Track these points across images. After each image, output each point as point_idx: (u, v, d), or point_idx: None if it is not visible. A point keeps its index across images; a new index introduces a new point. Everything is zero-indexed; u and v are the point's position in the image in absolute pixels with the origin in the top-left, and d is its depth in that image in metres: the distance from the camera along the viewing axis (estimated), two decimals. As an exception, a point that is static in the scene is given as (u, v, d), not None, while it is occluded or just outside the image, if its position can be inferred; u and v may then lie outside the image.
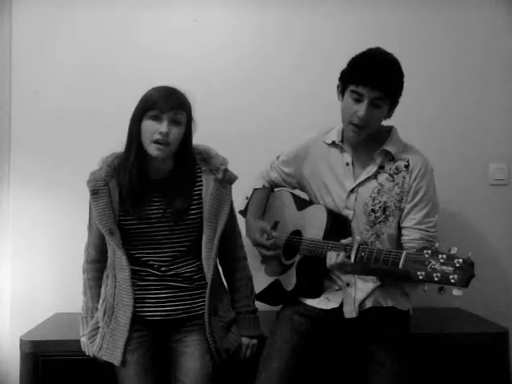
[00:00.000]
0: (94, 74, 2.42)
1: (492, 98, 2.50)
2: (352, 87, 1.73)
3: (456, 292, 1.36)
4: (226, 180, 1.78)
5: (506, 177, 2.49)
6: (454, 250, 1.38)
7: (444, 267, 1.37)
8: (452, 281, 1.35)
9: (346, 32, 2.45)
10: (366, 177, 1.81)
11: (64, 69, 2.43)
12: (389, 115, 1.80)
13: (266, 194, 2.08)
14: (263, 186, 2.07)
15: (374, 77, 1.69)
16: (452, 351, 1.98)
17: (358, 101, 1.72)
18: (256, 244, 1.95)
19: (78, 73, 2.42)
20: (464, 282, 1.35)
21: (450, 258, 1.37)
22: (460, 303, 2.41)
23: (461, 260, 1.35)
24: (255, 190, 2.06)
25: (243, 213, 2.03)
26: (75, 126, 2.42)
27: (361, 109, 1.71)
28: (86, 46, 2.43)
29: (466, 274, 1.35)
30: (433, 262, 1.39)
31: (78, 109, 2.42)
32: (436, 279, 1.37)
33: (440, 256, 1.38)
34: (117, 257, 1.73)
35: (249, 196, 2.05)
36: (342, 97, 1.79)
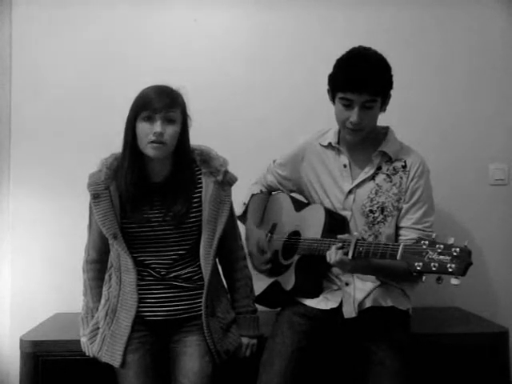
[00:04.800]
0: (94, 73, 2.42)
1: (492, 97, 2.49)
2: (340, 94, 1.72)
3: (454, 281, 1.36)
4: (226, 182, 1.77)
5: (506, 177, 2.49)
6: (451, 240, 1.39)
7: (441, 257, 1.38)
8: (450, 270, 1.36)
9: (351, 32, 2.45)
10: (364, 178, 1.81)
11: (64, 68, 2.43)
12: (383, 109, 1.80)
13: (264, 199, 2.08)
14: (260, 190, 2.07)
15: (359, 82, 1.67)
16: (452, 351, 1.97)
17: (348, 106, 1.72)
18: (249, 255, 1.95)
19: (78, 72, 2.42)
20: (461, 271, 1.35)
21: (447, 248, 1.38)
22: (460, 303, 2.41)
23: (458, 249, 1.37)
24: (253, 195, 2.06)
25: (241, 218, 2.04)
26: (75, 125, 2.42)
27: (353, 115, 1.71)
28: (86, 46, 2.43)
29: (463, 262, 1.35)
30: (430, 253, 1.40)
31: (78, 108, 2.42)
32: (434, 269, 1.38)
33: (437, 246, 1.39)
34: (122, 259, 1.72)
35: (246, 201, 2.06)
36: (334, 101, 1.79)
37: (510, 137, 2.50)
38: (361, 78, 1.67)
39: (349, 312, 1.76)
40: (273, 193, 2.10)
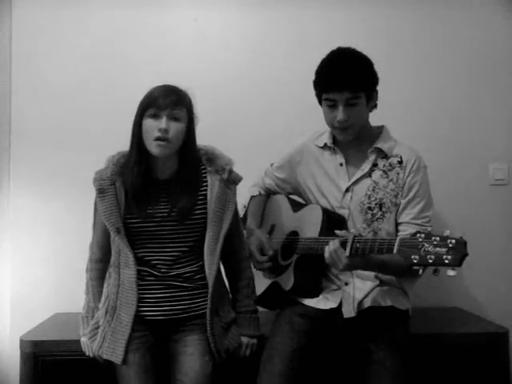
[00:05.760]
0: (94, 73, 2.42)
1: (492, 97, 2.49)
2: (324, 95, 1.77)
3: (450, 272, 1.37)
4: (231, 180, 1.78)
5: (506, 177, 2.49)
6: (446, 232, 1.40)
7: (437, 249, 1.38)
8: (446, 261, 1.36)
9: (351, 31, 2.45)
10: (361, 175, 1.82)
11: (64, 68, 2.43)
12: (373, 105, 1.82)
13: (263, 200, 2.09)
14: (259, 192, 2.09)
15: (338, 80, 1.71)
16: (452, 351, 1.97)
17: (333, 106, 1.75)
18: (250, 255, 1.95)
19: (78, 72, 2.43)
20: (457, 262, 1.36)
21: (443, 240, 1.39)
22: (460, 303, 2.41)
23: (453, 240, 1.37)
24: (252, 197, 2.08)
25: (242, 221, 2.04)
26: (76, 124, 2.42)
27: (338, 114, 1.74)
28: (86, 46, 2.43)
29: (459, 253, 1.36)
30: (426, 245, 1.40)
31: (78, 107, 2.42)
32: (430, 261, 1.39)
33: (433, 238, 1.40)
34: (122, 256, 1.72)
35: (246, 204, 2.07)
36: (321, 104, 1.82)
37: (510, 137, 2.50)
38: (339, 75, 1.71)
39: (348, 312, 1.76)
40: (271, 195, 2.11)
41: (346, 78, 1.70)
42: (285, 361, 1.69)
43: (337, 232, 1.64)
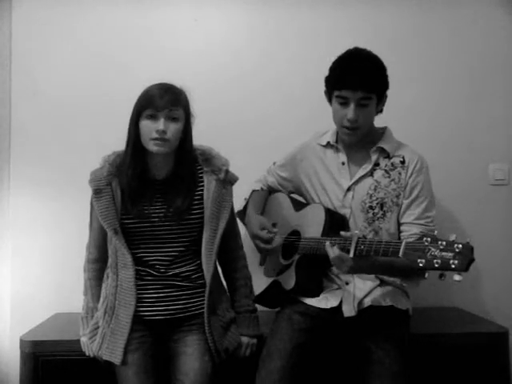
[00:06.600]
0: (94, 73, 2.43)
1: (492, 97, 2.49)
2: (336, 93, 1.76)
3: (456, 277, 1.37)
4: (228, 181, 1.79)
5: (506, 177, 2.49)
6: (452, 237, 1.40)
7: (444, 253, 1.39)
8: (452, 266, 1.37)
9: (352, 32, 2.44)
10: (362, 174, 1.83)
11: (64, 68, 2.43)
12: (380, 110, 1.82)
13: (264, 196, 2.10)
14: (261, 188, 2.09)
15: (353, 78, 1.71)
16: (452, 351, 1.97)
17: (344, 104, 1.75)
18: (254, 237, 1.95)
19: (78, 72, 2.43)
20: (464, 267, 1.36)
21: (450, 244, 1.39)
22: (460, 303, 2.41)
23: (460, 245, 1.38)
24: (253, 191, 2.08)
25: (241, 213, 2.04)
26: (75, 124, 2.42)
27: (349, 112, 1.73)
28: (86, 46, 2.43)
29: (466, 258, 1.36)
30: (432, 249, 1.40)
31: (78, 107, 2.42)
32: (436, 265, 1.39)
33: (439, 243, 1.40)
34: (120, 256, 1.72)
35: (247, 197, 2.07)
36: (331, 102, 1.82)
37: (510, 137, 2.50)
38: (355, 74, 1.71)
39: (348, 311, 1.77)
40: (272, 193, 2.10)
41: (361, 77, 1.71)
42: (284, 358, 1.69)
43: (342, 233, 1.64)
